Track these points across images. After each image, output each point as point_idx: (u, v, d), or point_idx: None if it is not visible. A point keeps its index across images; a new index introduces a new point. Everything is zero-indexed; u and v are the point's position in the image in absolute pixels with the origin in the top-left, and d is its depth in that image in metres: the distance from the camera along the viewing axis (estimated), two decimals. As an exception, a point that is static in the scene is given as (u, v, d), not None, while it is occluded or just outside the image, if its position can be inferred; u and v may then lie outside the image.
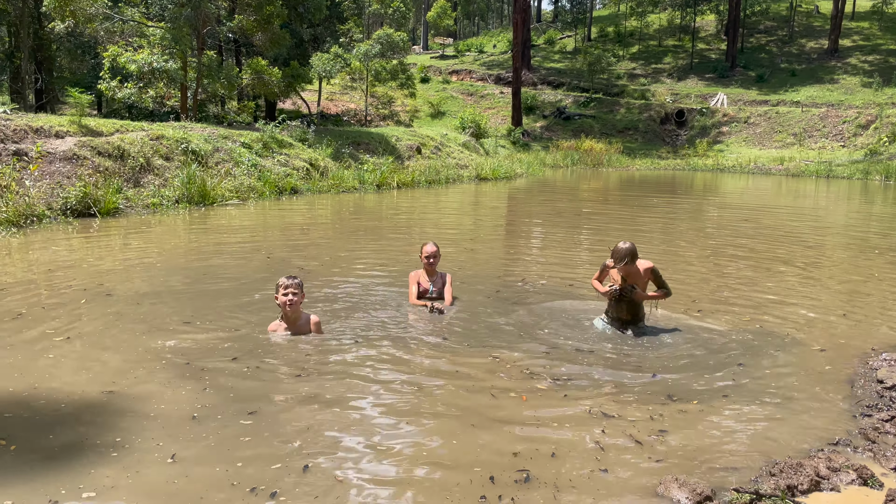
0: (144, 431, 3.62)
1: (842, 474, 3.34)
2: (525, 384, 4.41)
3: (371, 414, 3.91)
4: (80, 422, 3.73)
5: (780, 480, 3.24)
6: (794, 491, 3.18)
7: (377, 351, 4.97)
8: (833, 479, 3.31)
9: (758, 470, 3.38)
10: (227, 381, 4.31)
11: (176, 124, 17.05)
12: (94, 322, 5.51)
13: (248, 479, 3.15)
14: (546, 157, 31.93)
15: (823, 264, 9.07)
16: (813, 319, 6.10)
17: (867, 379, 4.63)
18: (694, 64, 46.22)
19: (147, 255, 8.59)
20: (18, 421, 3.72)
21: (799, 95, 38.42)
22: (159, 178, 13.97)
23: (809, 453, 3.55)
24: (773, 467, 3.38)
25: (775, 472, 3.33)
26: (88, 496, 3.00)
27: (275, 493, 3.03)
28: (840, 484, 3.27)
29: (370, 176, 18.67)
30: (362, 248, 9.55)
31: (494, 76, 46.57)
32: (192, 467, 3.25)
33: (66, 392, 4.10)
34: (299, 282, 5.12)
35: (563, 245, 10.50)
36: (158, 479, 3.15)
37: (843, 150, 32.24)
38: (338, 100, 37.94)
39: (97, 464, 3.27)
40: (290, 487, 3.09)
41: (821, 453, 3.55)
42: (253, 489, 3.06)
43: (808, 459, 3.46)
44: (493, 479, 3.21)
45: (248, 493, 3.03)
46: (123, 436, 3.56)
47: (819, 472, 3.33)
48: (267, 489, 3.06)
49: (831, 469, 3.37)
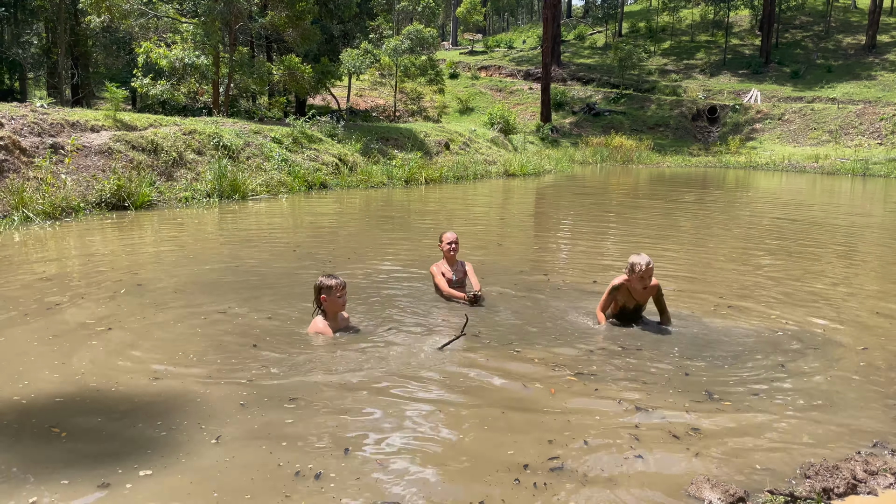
0: (190, 416, 3.71)
1: (879, 477, 3.27)
2: (554, 378, 4.40)
3: (407, 402, 4.00)
4: (128, 408, 3.82)
5: (816, 483, 3.19)
6: (829, 494, 3.13)
7: (409, 342, 5.02)
8: (870, 482, 3.24)
9: (793, 472, 3.32)
10: (265, 368, 4.37)
11: (208, 119, 17.26)
12: (133, 312, 5.61)
13: (292, 461, 3.26)
14: (575, 153, 31.70)
15: (857, 263, 8.88)
16: (847, 319, 5.98)
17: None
18: (727, 60, 45.49)
19: (181, 247, 8.72)
20: (69, 409, 3.80)
21: (835, 92, 37.61)
22: (191, 172, 14.16)
23: (846, 456, 3.48)
24: (808, 469, 3.32)
25: (810, 475, 3.28)
26: (145, 473, 3.11)
27: (319, 475, 3.14)
28: (878, 487, 3.20)
29: (398, 171, 18.72)
30: (391, 244, 9.59)
31: (524, 72, 46.33)
32: (238, 449, 3.37)
33: (112, 380, 4.19)
34: (343, 282, 5.14)
35: (589, 241, 10.42)
36: (208, 461, 3.25)
37: (881, 147, 31.51)
38: (367, 95, 38.08)
39: (149, 446, 3.37)
40: (333, 469, 3.19)
41: (858, 456, 3.48)
42: (298, 472, 3.16)
43: (844, 462, 3.40)
44: (526, 466, 3.28)
45: (293, 474, 3.14)
46: (170, 419, 3.66)
47: (856, 475, 3.27)
48: (313, 470, 3.17)
49: (868, 472, 3.31)
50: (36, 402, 3.87)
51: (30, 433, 3.50)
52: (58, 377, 4.22)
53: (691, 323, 5.71)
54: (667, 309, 5.60)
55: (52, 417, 3.68)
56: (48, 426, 3.56)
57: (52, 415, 3.72)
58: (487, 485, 3.12)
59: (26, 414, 3.71)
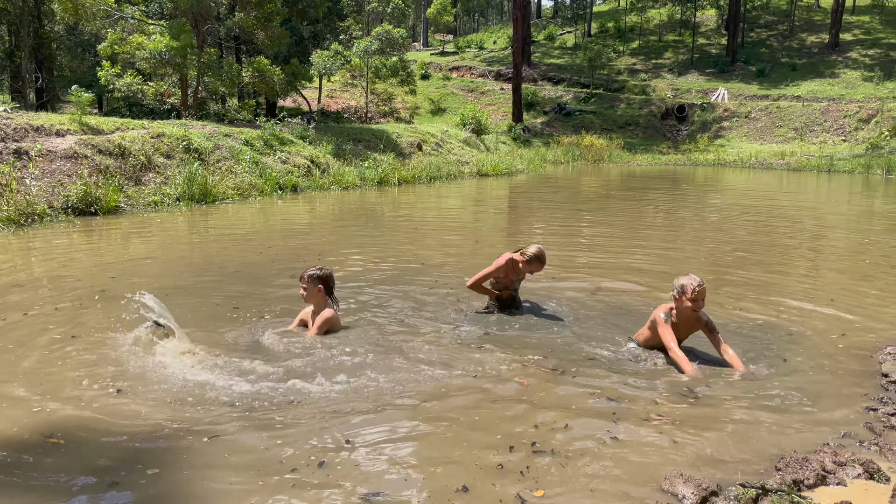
0: (165, 422, 3.63)
1: (848, 468, 3.33)
2: (531, 371, 4.46)
3: (395, 395, 4.13)
4: (109, 420, 3.76)
5: (787, 475, 3.24)
6: (800, 485, 3.18)
7: (392, 340, 5.08)
8: (839, 473, 3.30)
9: (764, 465, 3.37)
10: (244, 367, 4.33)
11: (177, 122, 17.03)
12: (102, 319, 5.51)
13: (295, 457, 3.37)
14: (547, 153, 31.87)
15: (825, 259, 9.05)
16: (815, 314, 6.09)
17: (872, 373, 4.62)
18: (694, 59, 46.12)
19: (150, 253, 8.59)
20: (64, 420, 3.75)
21: (800, 90, 38.34)
22: (160, 176, 13.96)
23: (816, 448, 3.55)
24: (779, 462, 3.37)
25: (781, 467, 3.33)
26: (153, 472, 3.20)
27: (322, 463, 3.31)
28: (846, 478, 3.26)
29: (371, 173, 18.65)
30: (365, 244, 9.55)
31: (495, 72, 46.47)
32: (238, 445, 3.49)
33: (76, 390, 4.10)
34: (305, 273, 5.12)
35: (563, 238, 10.47)
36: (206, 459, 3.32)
37: (845, 144, 32.20)
38: (338, 97, 37.89)
39: (141, 450, 3.37)
40: (338, 457, 3.37)
41: (827, 447, 3.54)
42: (301, 464, 3.31)
43: (814, 454, 3.46)
44: (511, 448, 3.47)
45: (300, 465, 3.29)
46: (138, 430, 3.58)
47: (825, 467, 3.33)
48: (315, 460, 3.33)
49: (837, 463, 3.37)
50: None
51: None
52: (23, 390, 4.13)
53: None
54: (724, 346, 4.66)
55: (55, 428, 3.62)
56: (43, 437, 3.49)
57: (52, 425, 3.64)
58: (471, 472, 3.24)
59: (-9, 426, 3.62)
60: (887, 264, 8.55)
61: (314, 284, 5.10)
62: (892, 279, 7.71)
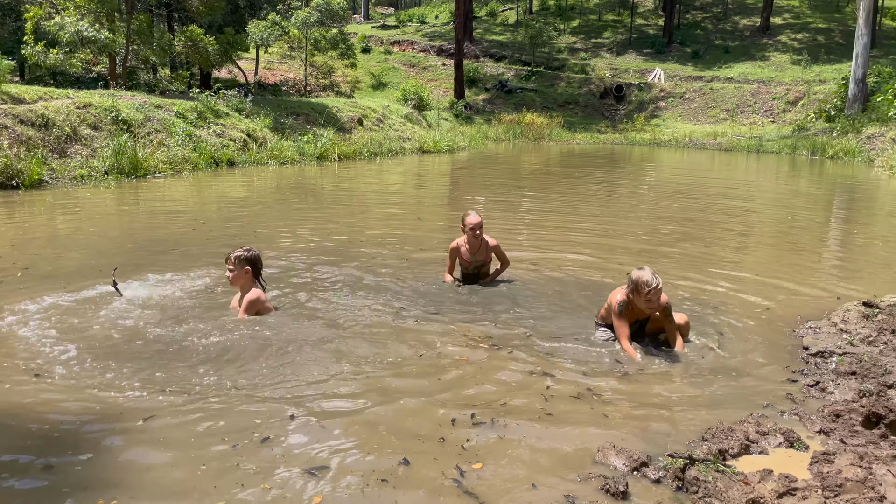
0: (96, 406, 3.50)
1: (770, 438, 3.48)
2: (472, 347, 4.50)
3: (337, 373, 4.11)
4: (35, 404, 3.58)
5: (713, 445, 3.36)
6: (725, 455, 3.31)
7: (333, 318, 5.02)
8: (762, 442, 3.45)
9: (692, 436, 3.50)
10: (177, 349, 4.20)
11: (104, 92, 16.30)
12: (24, 298, 5.25)
13: (236, 434, 3.34)
14: (489, 130, 31.93)
15: (752, 236, 9.40)
16: (742, 289, 6.31)
17: (794, 346, 4.84)
18: (632, 39, 46.81)
19: (77, 228, 8.24)
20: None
21: (732, 72, 39.42)
22: (87, 149, 13.37)
23: (740, 419, 3.69)
24: (705, 433, 3.50)
25: (708, 438, 3.46)
26: (87, 456, 2.96)
27: (266, 439, 3.29)
28: (768, 447, 3.41)
29: (311, 148, 18.32)
30: (304, 220, 9.39)
31: (437, 48, 46.10)
32: (176, 426, 3.42)
33: (3, 374, 3.92)
34: (231, 255, 4.91)
35: (504, 214, 10.55)
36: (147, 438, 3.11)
37: (773, 125, 33.35)
38: (276, 69, 36.93)
39: (71, 433, 3.18)
40: (281, 432, 3.37)
41: (751, 418, 3.69)
42: (243, 441, 3.28)
43: (738, 424, 3.60)
44: (453, 421, 3.53)
45: (242, 442, 3.27)
46: (67, 414, 3.44)
47: (749, 436, 3.47)
48: (258, 437, 3.32)
49: (760, 433, 3.52)
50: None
51: None
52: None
53: (597, 291, 5.88)
54: (676, 328, 4.69)
55: None
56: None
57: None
58: (413, 446, 3.28)
59: None
60: (809, 242, 8.94)
61: (241, 266, 4.91)
62: (814, 256, 8.07)
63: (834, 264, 7.68)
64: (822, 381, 4.20)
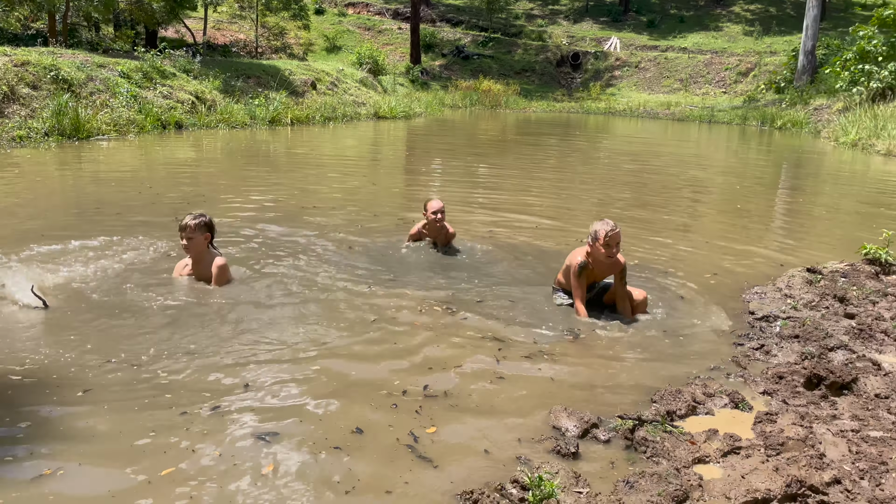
0: (30, 378, 3.37)
1: (716, 399, 3.58)
2: (426, 313, 4.47)
3: (291, 341, 4.05)
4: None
5: (661, 406, 3.44)
6: (673, 416, 3.38)
7: (287, 286, 4.96)
8: (708, 403, 3.54)
9: (641, 397, 3.56)
10: (129, 317, 4.08)
11: (44, 49, 15.54)
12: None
13: (187, 402, 3.29)
14: (445, 96, 31.66)
15: (702, 203, 9.57)
16: (690, 255, 6.44)
17: (740, 311, 4.96)
18: (589, 7, 46.75)
19: (16, 193, 7.90)
20: None
21: (686, 42, 39.80)
22: (26, 109, 12.78)
23: (688, 381, 3.78)
24: (654, 395, 3.57)
25: (656, 399, 3.53)
26: (26, 424, 2.80)
27: (216, 407, 3.24)
28: (714, 408, 3.50)
29: (262, 111, 17.87)
30: (256, 186, 9.18)
31: (392, 11, 45.27)
32: (125, 395, 3.29)
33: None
34: (190, 222, 4.68)
35: (460, 181, 10.51)
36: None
37: (725, 96, 33.89)
38: (225, 29, 35.76)
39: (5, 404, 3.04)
40: (232, 400, 3.32)
41: (698, 380, 3.78)
42: (193, 409, 3.19)
43: (686, 386, 3.69)
44: (405, 391, 3.50)
45: (192, 410, 3.21)
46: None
47: (696, 398, 3.55)
48: (210, 405, 3.26)
49: (707, 394, 3.61)
50: None
51: None
52: None
53: (552, 257, 5.92)
54: (628, 295, 4.70)
55: None
56: None
57: None
58: (366, 413, 3.27)
59: None
60: (757, 210, 9.15)
61: (201, 233, 4.73)
62: (761, 224, 8.27)
63: (780, 232, 7.89)
64: (767, 344, 4.32)
